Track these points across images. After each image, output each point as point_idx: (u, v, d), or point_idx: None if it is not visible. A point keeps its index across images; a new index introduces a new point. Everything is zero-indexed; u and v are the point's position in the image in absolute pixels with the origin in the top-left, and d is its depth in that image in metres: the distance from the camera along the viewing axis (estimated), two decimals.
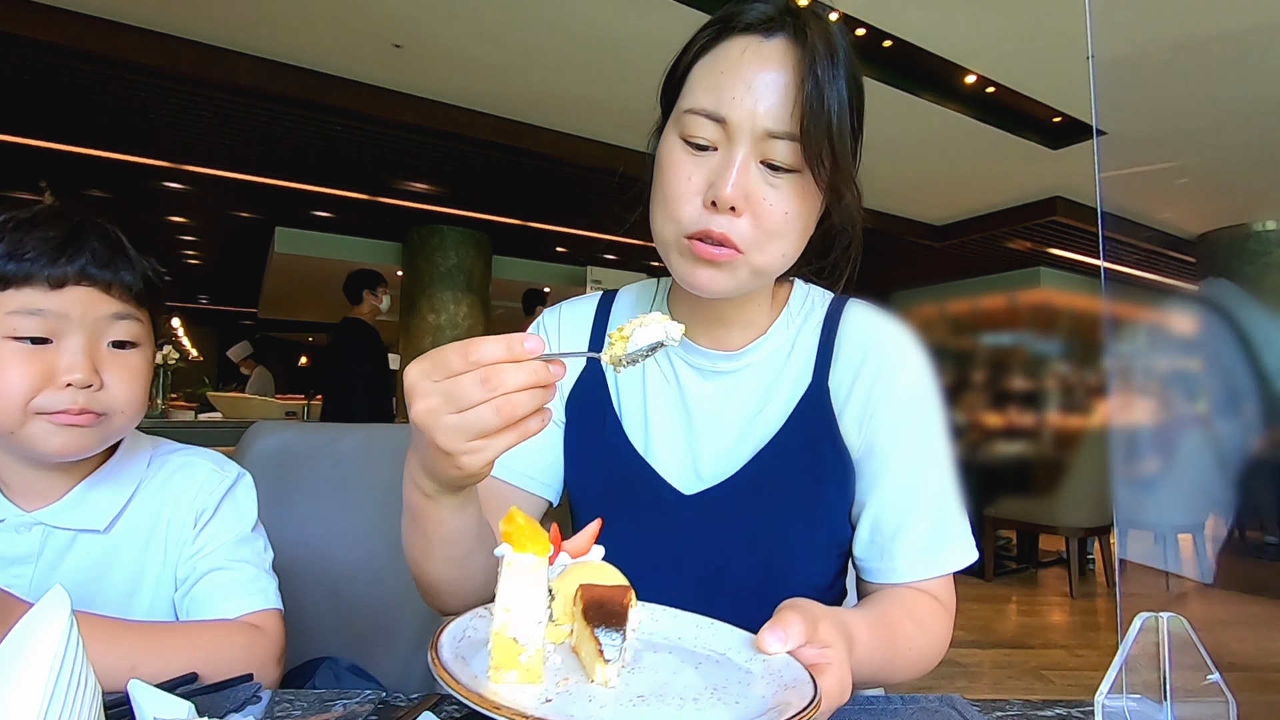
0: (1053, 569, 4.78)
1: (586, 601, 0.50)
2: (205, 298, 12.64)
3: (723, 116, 0.61)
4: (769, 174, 0.62)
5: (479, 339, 0.48)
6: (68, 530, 0.76)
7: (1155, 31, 3.51)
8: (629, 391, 0.79)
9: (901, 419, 0.72)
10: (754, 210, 0.62)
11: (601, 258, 8.16)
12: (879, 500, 0.72)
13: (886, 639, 0.63)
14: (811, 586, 0.75)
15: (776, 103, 0.61)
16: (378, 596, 1.12)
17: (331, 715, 0.58)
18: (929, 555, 0.71)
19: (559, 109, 4.69)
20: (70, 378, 0.69)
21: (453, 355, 0.47)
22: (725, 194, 0.61)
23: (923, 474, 0.72)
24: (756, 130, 0.61)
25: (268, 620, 0.79)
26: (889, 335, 0.75)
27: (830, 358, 0.74)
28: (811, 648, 0.52)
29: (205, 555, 0.81)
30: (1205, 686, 0.47)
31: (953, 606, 0.73)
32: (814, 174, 0.61)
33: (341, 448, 1.20)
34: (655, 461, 0.76)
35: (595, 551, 0.58)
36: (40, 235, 0.69)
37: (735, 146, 0.62)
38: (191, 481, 0.83)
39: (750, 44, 0.62)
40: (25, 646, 0.39)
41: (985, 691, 2.74)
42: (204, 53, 3.89)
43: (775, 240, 0.64)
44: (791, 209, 0.63)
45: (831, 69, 0.60)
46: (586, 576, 0.54)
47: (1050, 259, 7.54)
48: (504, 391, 0.46)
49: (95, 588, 0.76)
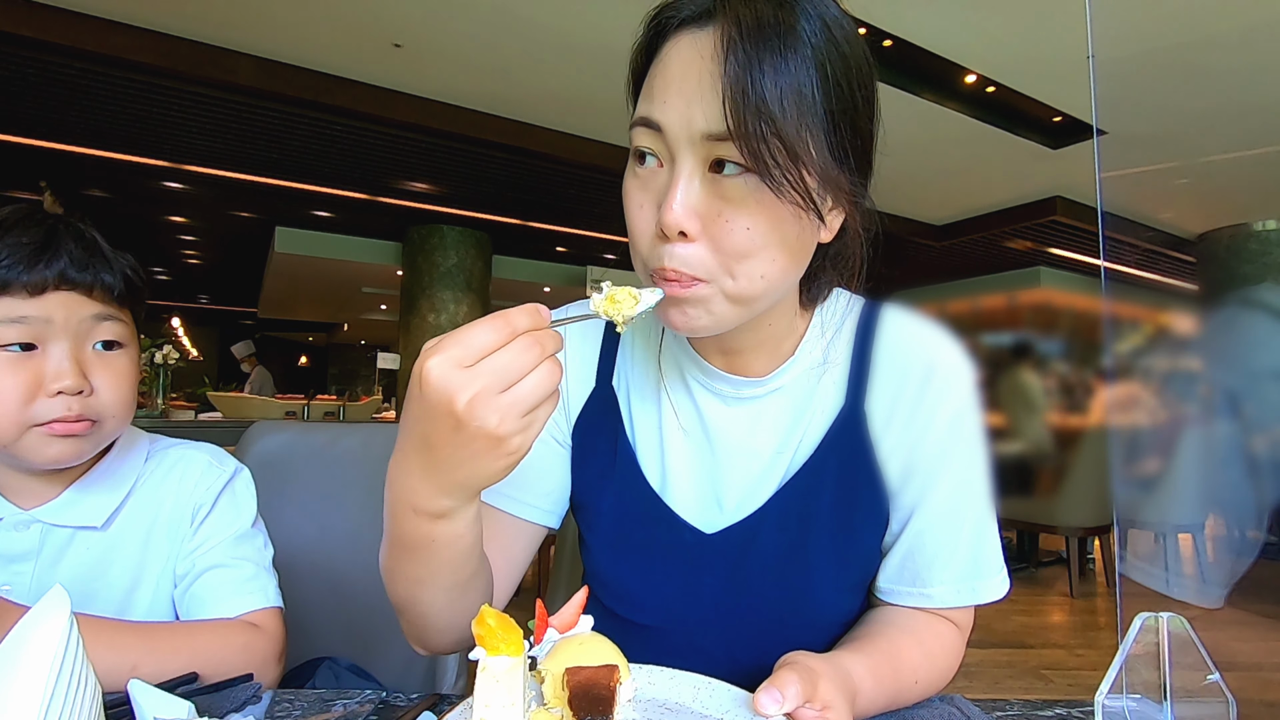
0: (1053, 569, 4.78)
1: (573, 688, 0.48)
2: (205, 298, 12.65)
3: (656, 122, 0.53)
4: (719, 183, 0.53)
5: (505, 312, 0.46)
6: (66, 528, 0.76)
7: (1155, 31, 3.51)
8: (643, 419, 0.71)
9: (947, 442, 0.65)
10: (709, 232, 0.53)
11: (601, 258, 8.16)
12: (917, 528, 0.66)
13: (891, 679, 0.60)
14: (835, 624, 0.69)
15: (708, 98, 0.50)
16: (378, 596, 1.11)
17: (331, 715, 0.58)
18: (963, 585, 0.65)
19: (559, 109, 4.69)
20: (60, 385, 0.68)
21: (484, 332, 0.45)
22: (668, 219, 0.52)
23: (964, 501, 0.66)
24: (694, 134, 0.51)
25: (267, 619, 0.79)
26: (933, 348, 0.66)
27: (866, 377, 0.66)
28: (810, 709, 0.48)
29: (205, 551, 0.80)
30: (1205, 686, 0.47)
31: (968, 629, 0.69)
32: (762, 174, 0.50)
33: (341, 448, 1.20)
34: (672, 499, 0.69)
35: (584, 623, 0.56)
36: (13, 241, 0.68)
37: (677, 159, 0.53)
38: (189, 476, 0.83)
39: (684, 39, 0.53)
40: (25, 647, 0.39)
41: (985, 691, 2.74)
42: (204, 53, 3.89)
43: (744, 262, 0.54)
44: (753, 222, 0.52)
45: (777, 34, 0.50)
46: (576, 652, 0.51)
47: (1050, 259, 7.54)
48: (551, 353, 0.46)
49: (96, 584, 0.76)
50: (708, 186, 0.53)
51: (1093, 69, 3.26)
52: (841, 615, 0.69)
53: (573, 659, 0.51)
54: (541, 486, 0.72)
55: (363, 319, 11.71)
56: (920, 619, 0.67)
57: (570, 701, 0.47)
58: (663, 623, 0.69)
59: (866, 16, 3.56)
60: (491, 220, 6.88)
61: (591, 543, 0.72)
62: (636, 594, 0.70)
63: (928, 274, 8.58)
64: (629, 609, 0.70)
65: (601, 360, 0.73)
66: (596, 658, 0.51)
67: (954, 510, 0.65)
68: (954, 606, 0.66)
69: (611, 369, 0.73)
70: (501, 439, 0.46)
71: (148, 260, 9.61)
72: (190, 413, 5.63)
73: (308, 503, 1.15)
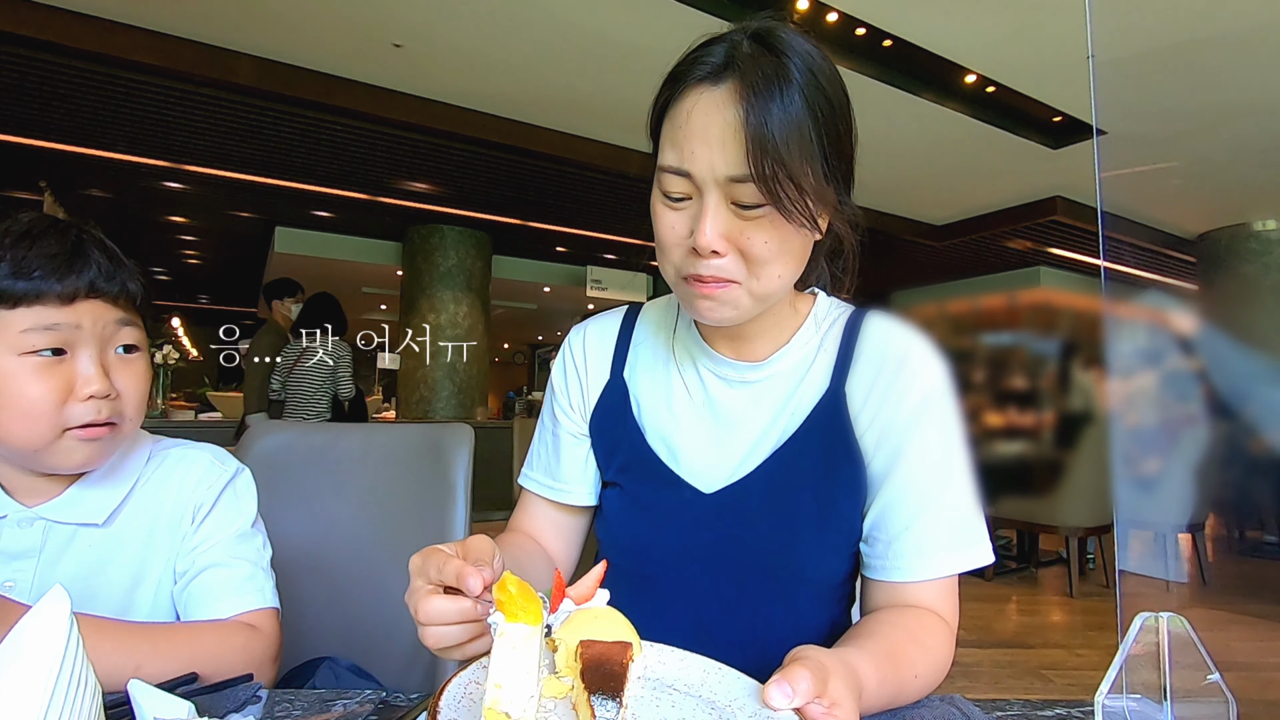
0: (1053, 569, 4.78)
1: (585, 661, 0.49)
2: (205, 298, 12.64)
3: (685, 170, 0.64)
4: (742, 212, 0.64)
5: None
6: (68, 525, 0.76)
7: (1155, 31, 3.51)
8: (653, 397, 0.82)
9: (914, 420, 0.73)
10: (737, 247, 0.65)
11: (601, 258, 8.15)
12: (885, 498, 0.73)
13: (894, 675, 0.62)
14: (823, 583, 0.77)
15: (729, 148, 0.62)
16: (377, 596, 1.12)
17: (331, 715, 0.58)
18: (932, 556, 0.71)
19: (559, 109, 4.69)
20: (91, 389, 0.71)
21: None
22: (703, 244, 0.64)
23: (935, 474, 0.73)
24: (718, 179, 0.63)
25: (264, 619, 0.79)
26: (904, 341, 0.77)
27: (848, 365, 0.77)
28: (818, 705, 0.50)
29: (204, 550, 0.81)
30: (1205, 686, 0.47)
31: (955, 622, 0.73)
32: (780, 209, 0.62)
33: (341, 448, 1.20)
34: (677, 464, 0.79)
35: (600, 596, 0.57)
36: (44, 252, 0.70)
37: (704, 197, 0.64)
38: (190, 475, 0.84)
39: (702, 94, 0.64)
40: (26, 646, 0.39)
41: (985, 691, 2.74)
42: (204, 53, 3.89)
43: (766, 266, 0.66)
44: (772, 238, 0.65)
45: (779, 90, 0.61)
46: (591, 625, 0.53)
47: (1050, 259, 7.54)
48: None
49: (97, 582, 0.77)
50: (731, 214, 0.65)
51: (1093, 69, 3.26)
52: (827, 574, 0.77)
53: (587, 631, 0.52)
54: (572, 474, 0.85)
55: (363, 319, 11.72)
56: (910, 614, 0.70)
57: (582, 674, 0.48)
58: (664, 572, 0.78)
59: (867, 17, 3.57)
60: (491, 220, 6.88)
61: (606, 507, 0.84)
62: (642, 548, 0.79)
63: (928, 274, 8.58)
64: (635, 562, 0.79)
65: (615, 355, 0.86)
66: (611, 633, 0.52)
67: (922, 482, 0.72)
68: (928, 577, 0.71)
69: (624, 361, 0.85)
70: None
71: (148, 260, 9.59)
72: (190, 413, 5.63)
73: (307, 503, 1.15)
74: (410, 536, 1.12)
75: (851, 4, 3.48)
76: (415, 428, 1.25)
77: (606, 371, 0.85)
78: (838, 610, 0.80)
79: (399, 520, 1.14)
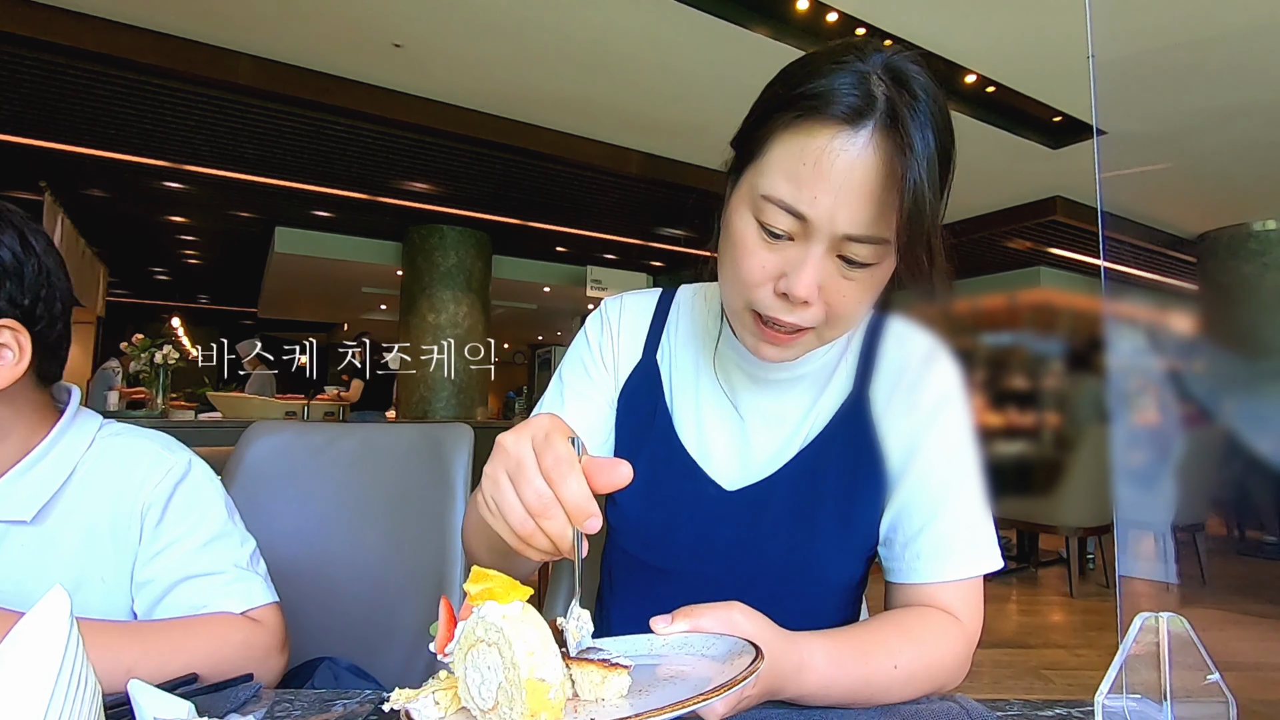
0: (1053, 569, 4.78)
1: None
2: (205, 298, 12.64)
3: (801, 214, 0.59)
4: (845, 268, 0.61)
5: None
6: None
7: (1155, 31, 3.51)
8: (684, 390, 0.81)
9: (926, 423, 0.74)
10: (827, 299, 0.63)
11: (601, 258, 8.15)
12: (901, 499, 0.73)
13: (856, 658, 0.61)
14: (838, 586, 0.77)
15: (861, 207, 0.58)
16: (376, 596, 1.12)
17: (331, 715, 0.58)
18: (949, 557, 0.70)
19: (559, 109, 4.69)
20: None
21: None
22: (798, 292, 0.61)
23: (947, 477, 0.73)
24: (836, 233, 0.59)
25: (263, 614, 0.78)
26: (920, 345, 0.77)
27: (871, 368, 0.77)
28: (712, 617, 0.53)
29: (173, 560, 0.76)
30: (1205, 686, 0.47)
31: (974, 624, 0.71)
32: (909, 276, 0.62)
33: (341, 448, 1.20)
34: (702, 459, 0.78)
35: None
36: None
37: (812, 243, 0.60)
38: (135, 469, 0.78)
39: (837, 136, 0.58)
40: (27, 647, 0.39)
41: (985, 691, 2.74)
42: (204, 53, 3.89)
43: (846, 318, 0.65)
44: (865, 297, 0.64)
45: (923, 153, 0.56)
46: (483, 633, 0.49)
47: (1050, 259, 7.53)
48: None
49: (32, 585, 0.71)
50: (834, 267, 0.61)
51: (1093, 69, 3.25)
52: (843, 577, 0.76)
53: (481, 640, 0.48)
54: (595, 440, 0.82)
55: (363, 319, 11.71)
56: (912, 611, 0.71)
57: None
58: (679, 565, 0.77)
59: (866, 17, 3.56)
60: (491, 220, 6.88)
61: (620, 496, 0.79)
62: (659, 539, 0.78)
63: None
64: (650, 553, 0.78)
65: (649, 336, 0.84)
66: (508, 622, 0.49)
67: (934, 484, 0.72)
68: (942, 580, 0.70)
69: (657, 344, 0.83)
70: None
71: (148, 260, 9.62)
72: (190, 413, 5.62)
73: (307, 503, 1.15)
74: (410, 536, 1.12)
75: (851, 4, 3.48)
76: (415, 428, 1.25)
77: (639, 351, 0.83)
78: (851, 613, 0.80)
79: (398, 520, 1.14)
